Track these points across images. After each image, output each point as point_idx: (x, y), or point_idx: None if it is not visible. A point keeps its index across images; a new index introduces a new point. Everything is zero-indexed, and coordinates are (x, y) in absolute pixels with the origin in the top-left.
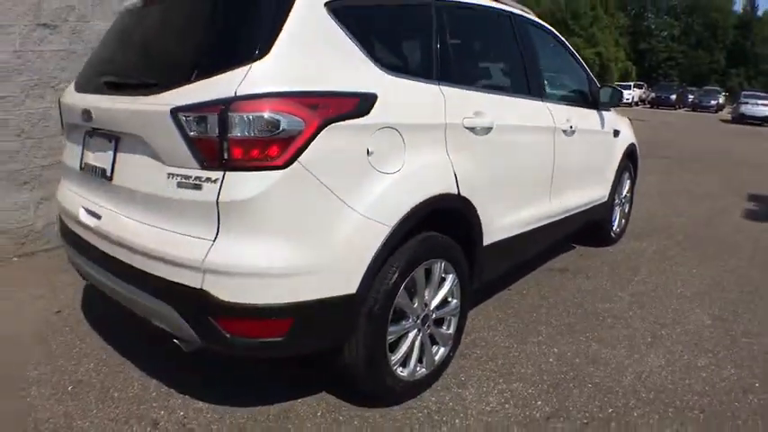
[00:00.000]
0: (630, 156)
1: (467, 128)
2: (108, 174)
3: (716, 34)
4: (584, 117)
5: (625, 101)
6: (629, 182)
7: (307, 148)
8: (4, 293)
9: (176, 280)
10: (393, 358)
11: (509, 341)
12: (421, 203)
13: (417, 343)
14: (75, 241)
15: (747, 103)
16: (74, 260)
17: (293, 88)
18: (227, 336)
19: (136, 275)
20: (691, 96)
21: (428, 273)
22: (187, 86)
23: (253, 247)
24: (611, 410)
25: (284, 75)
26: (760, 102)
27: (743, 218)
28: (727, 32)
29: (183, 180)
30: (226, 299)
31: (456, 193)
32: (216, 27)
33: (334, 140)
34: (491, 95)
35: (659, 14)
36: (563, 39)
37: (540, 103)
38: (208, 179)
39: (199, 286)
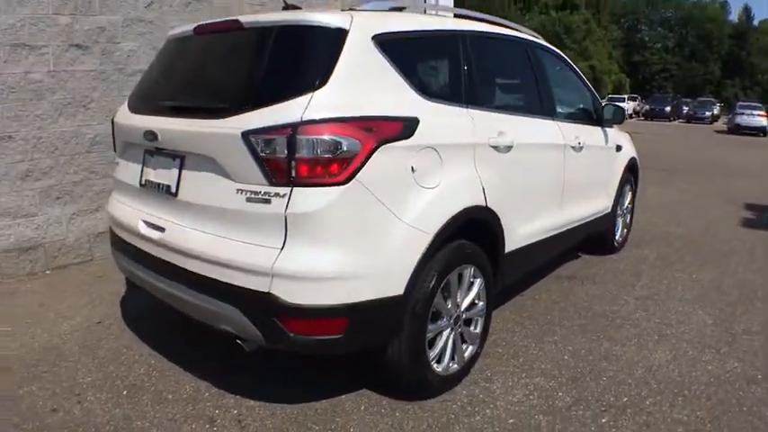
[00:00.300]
0: (631, 169)
1: (492, 146)
2: (173, 190)
3: (711, 45)
4: (590, 134)
5: None
6: (630, 193)
7: (363, 166)
8: (43, 305)
9: (244, 285)
10: (431, 354)
11: (527, 341)
12: (456, 214)
13: (450, 341)
14: (130, 251)
15: (743, 113)
16: (127, 269)
17: (351, 114)
18: (290, 335)
19: (202, 282)
20: (685, 108)
21: (459, 277)
22: (255, 112)
23: (316, 254)
24: (626, 399)
25: (342, 101)
26: (756, 112)
27: (740, 225)
28: (723, 43)
29: (253, 195)
30: (291, 301)
31: (484, 204)
32: (278, 60)
33: (385, 159)
34: (511, 116)
35: (653, 27)
36: (569, 60)
37: (552, 122)
38: (277, 194)
39: (266, 290)
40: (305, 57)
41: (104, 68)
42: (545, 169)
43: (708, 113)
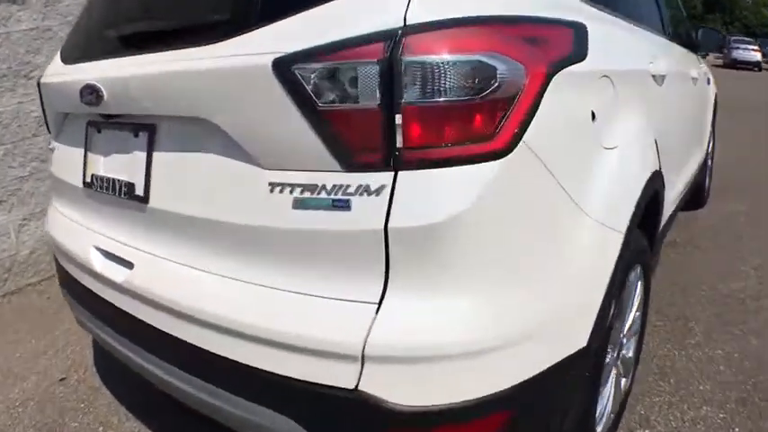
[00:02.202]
0: (715, 107)
1: (652, 75)
2: (138, 191)
3: None
4: (694, 63)
5: None
6: (712, 136)
7: (535, 114)
8: None
9: (303, 377)
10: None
11: (666, 347)
12: (644, 190)
13: (613, 384)
14: (84, 298)
15: (738, 48)
16: (86, 325)
17: (497, 11)
18: None
19: (215, 367)
20: None
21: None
22: (294, 19)
23: (454, 307)
24: None
25: None
26: (750, 47)
27: None
28: None
29: (307, 194)
30: (403, 402)
31: (659, 168)
32: None
33: (560, 100)
34: (654, 37)
35: None
36: None
37: (676, 46)
38: (363, 189)
39: (352, 386)
40: None
41: (49, 24)
42: (682, 109)
43: None
